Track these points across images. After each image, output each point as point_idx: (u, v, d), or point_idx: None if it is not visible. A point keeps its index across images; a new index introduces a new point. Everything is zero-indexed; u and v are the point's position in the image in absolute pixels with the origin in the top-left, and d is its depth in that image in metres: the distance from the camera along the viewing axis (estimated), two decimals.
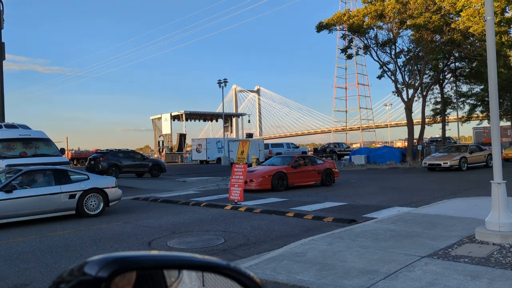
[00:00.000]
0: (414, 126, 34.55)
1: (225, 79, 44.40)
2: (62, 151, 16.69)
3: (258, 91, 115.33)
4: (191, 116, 59.42)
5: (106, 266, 0.87)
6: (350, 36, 33.58)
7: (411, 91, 33.14)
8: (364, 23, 30.55)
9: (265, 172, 15.81)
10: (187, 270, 1.19)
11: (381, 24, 31.13)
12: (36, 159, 14.84)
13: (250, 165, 21.34)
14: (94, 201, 10.88)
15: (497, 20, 25.85)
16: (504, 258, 5.65)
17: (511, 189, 9.47)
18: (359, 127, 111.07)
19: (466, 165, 23.50)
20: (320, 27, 32.14)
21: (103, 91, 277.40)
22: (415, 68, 33.43)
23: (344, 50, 35.22)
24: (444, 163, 22.95)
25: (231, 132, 61.77)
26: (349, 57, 35.97)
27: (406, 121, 35.56)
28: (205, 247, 7.42)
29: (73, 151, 56.00)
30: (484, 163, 24.67)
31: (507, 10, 28.11)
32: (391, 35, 31.46)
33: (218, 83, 44.53)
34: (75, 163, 47.71)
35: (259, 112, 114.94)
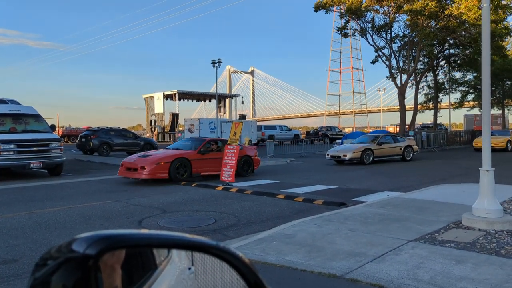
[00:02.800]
0: (407, 112, 34.69)
1: (219, 59, 43.91)
2: (53, 127, 16.55)
3: (252, 73, 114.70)
4: (184, 95, 59.00)
5: (94, 243, 0.87)
6: (346, 18, 33.35)
7: (404, 77, 33.18)
8: (362, 6, 30.33)
9: (162, 157, 13.30)
10: (177, 250, 1.20)
11: (378, 7, 30.94)
12: (26, 135, 14.71)
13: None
14: None
15: (493, 6, 25.80)
16: (489, 243, 5.75)
17: (498, 176, 9.60)
18: (352, 111, 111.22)
19: (371, 158, 19.57)
20: (318, 7, 31.88)
21: (95, 68, 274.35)
22: (410, 53, 33.40)
23: (340, 29, 34.97)
24: (343, 156, 19.20)
25: (224, 113, 61.52)
26: (345, 35, 35.78)
27: (398, 107, 35.68)
28: (196, 227, 7.46)
29: (64, 128, 55.50)
30: (400, 156, 21.17)
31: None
32: (388, 19, 31.31)
33: (212, 63, 44.08)
34: (66, 140, 47.35)
35: (253, 94, 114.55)
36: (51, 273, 0.87)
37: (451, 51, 38.18)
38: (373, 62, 35.18)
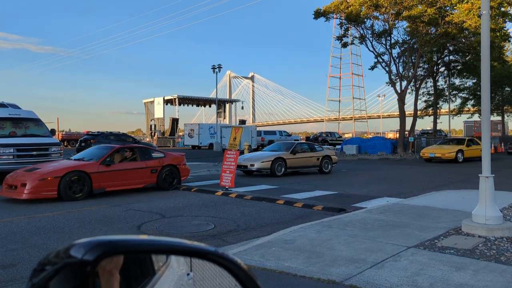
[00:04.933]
0: (406, 118, 34.70)
1: (219, 64, 44.11)
2: (53, 132, 16.56)
3: (252, 78, 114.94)
4: (184, 100, 59.10)
5: (92, 249, 0.87)
6: (346, 25, 33.46)
7: (404, 83, 33.23)
8: (361, 13, 30.44)
9: (50, 171, 10.67)
10: (175, 255, 1.19)
11: (377, 14, 31.05)
12: (26, 139, 14.70)
13: (242, 152, 21.37)
14: None
15: (493, 13, 25.89)
16: (489, 250, 5.73)
17: (499, 183, 9.59)
18: (351, 117, 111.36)
19: (283, 169, 16.79)
20: (318, 14, 31.99)
21: (95, 72, 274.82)
22: (410, 60, 33.48)
23: (339, 38, 35.08)
24: (251, 165, 16.53)
25: (224, 118, 61.58)
26: (345, 45, 35.86)
27: (398, 113, 35.70)
28: (195, 232, 7.44)
29: (64, 133, 55.53)
30: (317, 168, 18.20)
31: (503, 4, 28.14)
32: (387, 26, 31.41)
33: (212, 68, 44.24)
34: (65, 144, 47.34)
35: (253, 99, 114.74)
36: (48, 279, 0.87)
37: (451, 57, 38.28)
38: (372, 68, 35.24)
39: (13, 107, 16.00)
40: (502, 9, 28.65)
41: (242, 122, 51.46)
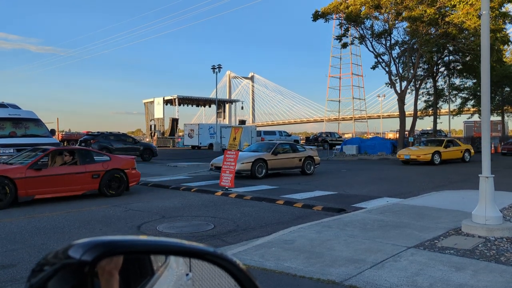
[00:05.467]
0: (406, 118, 34.69)
1: (219, 65, 44.12)
2: (53, 132, 16.55)
3: (252, 78, 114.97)
4: (184, 101, 59.10)
5: (91, 249, 0.87)
6: (346, 26, 33.44)
7: (404, 83, 33.22)
8: (361, 13, 30.43)
9: None
10: (174, 256, 1.19)
11: (377, 14, 31.04)
12: (25, 140, 14.70)
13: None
14: None
15: (493, 14, 25.89)
16: (488, 250, 5.73)
17: (498, 183, 9.59)
18: (351, 117, 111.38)
19: (264, 170, 15.99)
20: (317, 16, 31.96)
21: (95, 73, 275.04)
22: (410, 60, 33.47)
23: (339, 38, 35.05)
24: None
25: (224, 118, 61.58)
26: (344, 45, 35.83)
27: (398, 113, 35.70)
28: (195, 232, 7.44)
29: (63, 133, 55.57)
30: (300, 169, 17.51)
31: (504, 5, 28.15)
32: (387, 26, 31.40)
33: (212, 68, 44.25)
34: (65, 144, 47.36)
35: (253, 99, 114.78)
36: (47, 279, 0.86)
37: (451, 57, 38.28)
38: (373, 68, 35.22)
39: (13, 107, 16.01)
40: (503, 9, 28.66)
41: (242, 122, 51.49)
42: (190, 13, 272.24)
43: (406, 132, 34.19)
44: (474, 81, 40.10)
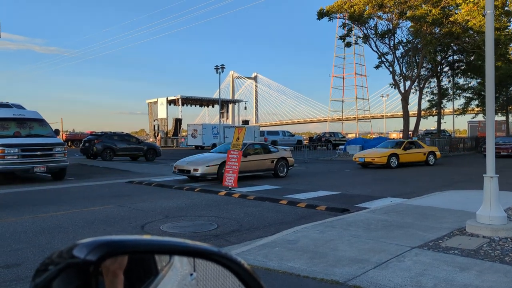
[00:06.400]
0: (410, 118, 34.61)
1: (222, 65, 44.14)
2: (57, 132, 16.59)
3: (255, 78, 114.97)
4: (187, 101, 59.17)
5: (95, 249, 0.87)
6: (349, 25, 33.39)
7: (408, 83, 33.13)
8: (365, 12, 30.37)
9: None
10: (178, 256, 1.19)
11: (381, 14, 30.98)
12: (30, 140, 14.76)
13: None
14: None
15: (497, 13, 25.78)
16: (493, 251, 5.71)
17: (503, 184, 9.55)
18: (355, 117, 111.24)
19: None
20: (321, 14, 31.93)
21: (99, 73, 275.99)
22: (413, 60, 33.39)
23: (343, 38, 35.00)
24: (194, 170, 14.48)
25: (227, 118, 61.64)
26: (348, 44, 35.78)
27: (402, 113, 35.62)
28: (198, 232, 7.45)
29: (67, 133, 55.69)
30: (272, 172, 16.54)
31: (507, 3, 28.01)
32: (391, 25, 31.33)
33: (215, 68, 44.28)
34: (69, 144, 47.50)
35: (256, 99, 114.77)
36: (51, 279, 0.86)
37: (455, 57, 38.15)
38: (376, 67, 35.19)
39: (18, 107, 16.07)
40: (507, 8, 28.53)
41: (245, 122, 51.54)
42: (193, 13, 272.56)
43: (410, 132, 34.11)
44: (478, 80, 39.95)
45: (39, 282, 0.88)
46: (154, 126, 57.58)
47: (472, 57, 34.27)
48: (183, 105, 58.29)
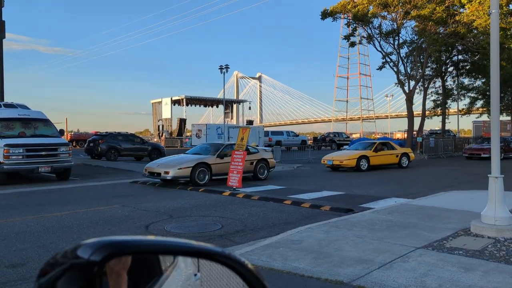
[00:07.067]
0: (415, 118, 34.49)
1: (226, 65, 44.12)
2: (62, 132, 16.65)
3: (259, 78, 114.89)
4: (191, 101, 59.19)
5: (99, 249, 0.87)
6: (354, 25, 33.33)
7: (412, 83, 33.01)
8: (369, 12, 30.29)
9: None
10: (183, 256, 1.19)
11: (385, 14, 30.89)
12: (35, 140, 14.82)
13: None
14: None
15: (503, 10, 25.64)
16: (498, 251, 5.68)
17: (506, 184, 9.49)
18: (359, 117, 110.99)
19: (207, 176, 13.97)
20: (325, 15, 31.87)
21: (104, 73, 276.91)
22: (418, 59, 33.27)
23: (347, 37, 34.90)
24: (165, 173, 13.59)
25: (232, 118, 61.63)
26: (352, 44, 35.69)
27: (406, 113, 35.49)
28: (202, 232, 7.45)
29: (72, 133, 55.92)
30: (251, 174, 15.60)
31: None
32: (395, 25, 31.23)
33: (219, 68, 44.28)
34: (74, 145, 47.70)
35: (260, 99, 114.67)
36: (56, 279, 0.87)
37: (460, 57, 37.98)
38: (380, 68, 35.07)
39: (22, 107, 16.14)
40: (511, 7, 28.37)
41: (250, 122, 51.50)
42: (198, 13, 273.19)
43: (415, 132, 34.00)
44: (483, 80, 39.76)
45: (44, 282, 0.88)
46: (159, 126, 57.63)
47: (477, 57, 34.10)
48: (187, 105, 58.32)
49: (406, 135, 37.64)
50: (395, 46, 32.33)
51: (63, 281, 0.86)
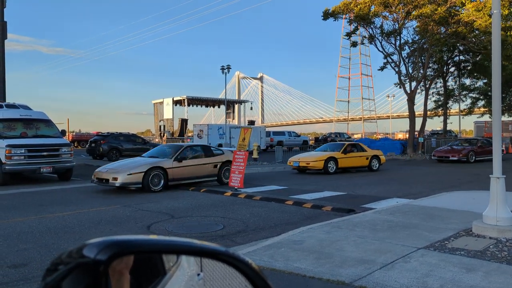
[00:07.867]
0: (416, 118, 34.45)
1: (228, 65, 44.08)
2: (63, 132, 16.68)
3: (261, 78, 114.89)
4: (193, 101, 59.19)
5: (105, 249, 0.88)
6: (355, 25, 33.30)
7: (414, 83, 32.99)
8: (371, 12, 30.27)
9: None
10: (186, 255, 1.20)
11: (387, 13, 30.87)
12: (36, 140, 14.85)
13: (251, 152, 21.38)
14: None
15: (506, 12, 25.59)
16: (500, 252, 5.68)
17: (509, 184, 9.49)
18: (361, 118, 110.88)
19: (162, 181, 12.65)
20: (327, 15, 31.86)
21: (105, 74, 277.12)
22: (419, 60, 33.23)
23: (349, 35, 34.84)
24: (113, 179, 12.17)
25: (233, 118, 61.62)
26: (354, 44, 35.65)
27: (408, 113, 35.46)
28: (204, 233, 7.46)
29: (74, 133, 55.94)
30: (215, 178, 14.44)
31: None
32: (397, 25, 31.21)
33: (221, 69, 44.23)
34: (76, 145, 47.73)
35: (262, 100, 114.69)
36: (61, 278, 0.88)
37: (461, 57, 37.93)
38: (382, 68, 35.06)
39: (24, 108, 16.17)
40: None
41: (251, 122, 51.47)
42: (199, 14, 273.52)
43: (416, 133, 33.96)
44: (485, 81, 39.71)
45: (49, 281, 0.89)
46: (160, 126, 57.63)
47: (478, 57, 34.05)
48: (189, 105, 58.33)
49: (407, 135, 37.58)
50: (397, 46, 32.32)
51: (69, 280, 0.87)
